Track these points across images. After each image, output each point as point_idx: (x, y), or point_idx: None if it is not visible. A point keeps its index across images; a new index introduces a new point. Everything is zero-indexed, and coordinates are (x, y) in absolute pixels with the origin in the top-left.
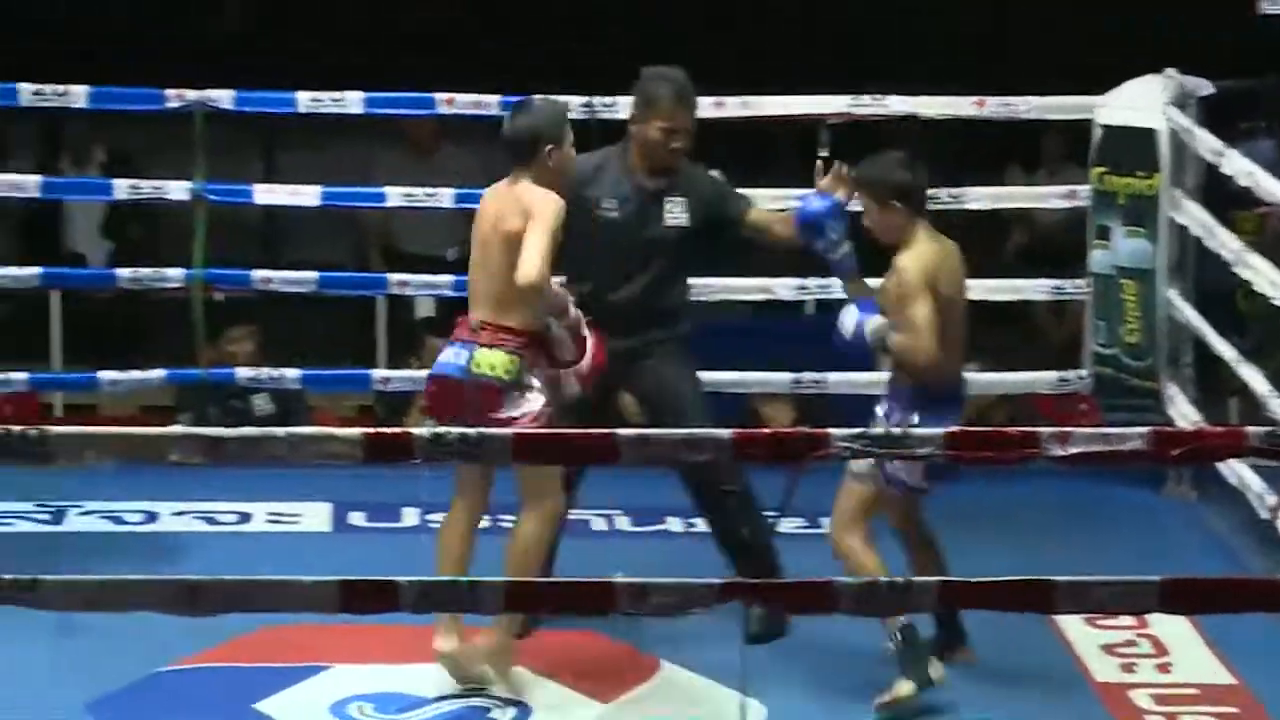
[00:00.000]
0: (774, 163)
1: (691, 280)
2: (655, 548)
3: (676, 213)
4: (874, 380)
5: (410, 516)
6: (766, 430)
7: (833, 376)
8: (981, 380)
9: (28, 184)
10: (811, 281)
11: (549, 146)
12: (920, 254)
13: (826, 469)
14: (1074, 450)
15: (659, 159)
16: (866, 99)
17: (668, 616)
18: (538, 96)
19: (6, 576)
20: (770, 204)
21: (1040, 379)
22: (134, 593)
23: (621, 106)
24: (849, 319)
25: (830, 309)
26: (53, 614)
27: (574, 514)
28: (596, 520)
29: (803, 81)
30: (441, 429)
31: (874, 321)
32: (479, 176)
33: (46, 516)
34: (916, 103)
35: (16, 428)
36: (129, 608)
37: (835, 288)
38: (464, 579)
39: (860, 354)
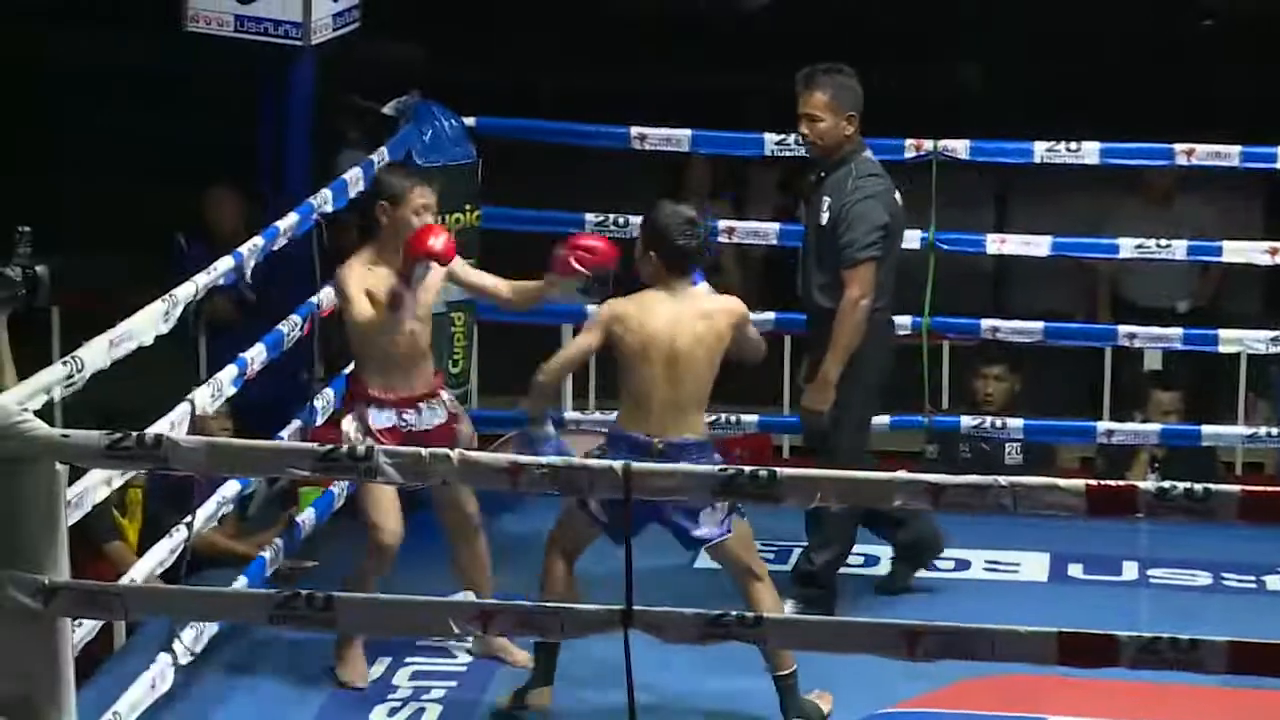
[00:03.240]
0: None
1: None
2: None
3: (822, 209)
4: None
5: (1130, 570)
6: None
7: None
8: None
9: (767, 231)
10: None
11: None
12: (629, 300)
13: None
14: None
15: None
16: None
17: None
18: None
19: (733, 613)
20: None
21: None
22: (854, 635)
23: None
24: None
25: None
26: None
27: None
28: None
29: None
30: (1166, 484)
31: None
32: (1217, 228)
33: (771, 555)
34: None
35: (748, 468)
36: (849, 649)
37: None
38: (1184, 637)
39: None
